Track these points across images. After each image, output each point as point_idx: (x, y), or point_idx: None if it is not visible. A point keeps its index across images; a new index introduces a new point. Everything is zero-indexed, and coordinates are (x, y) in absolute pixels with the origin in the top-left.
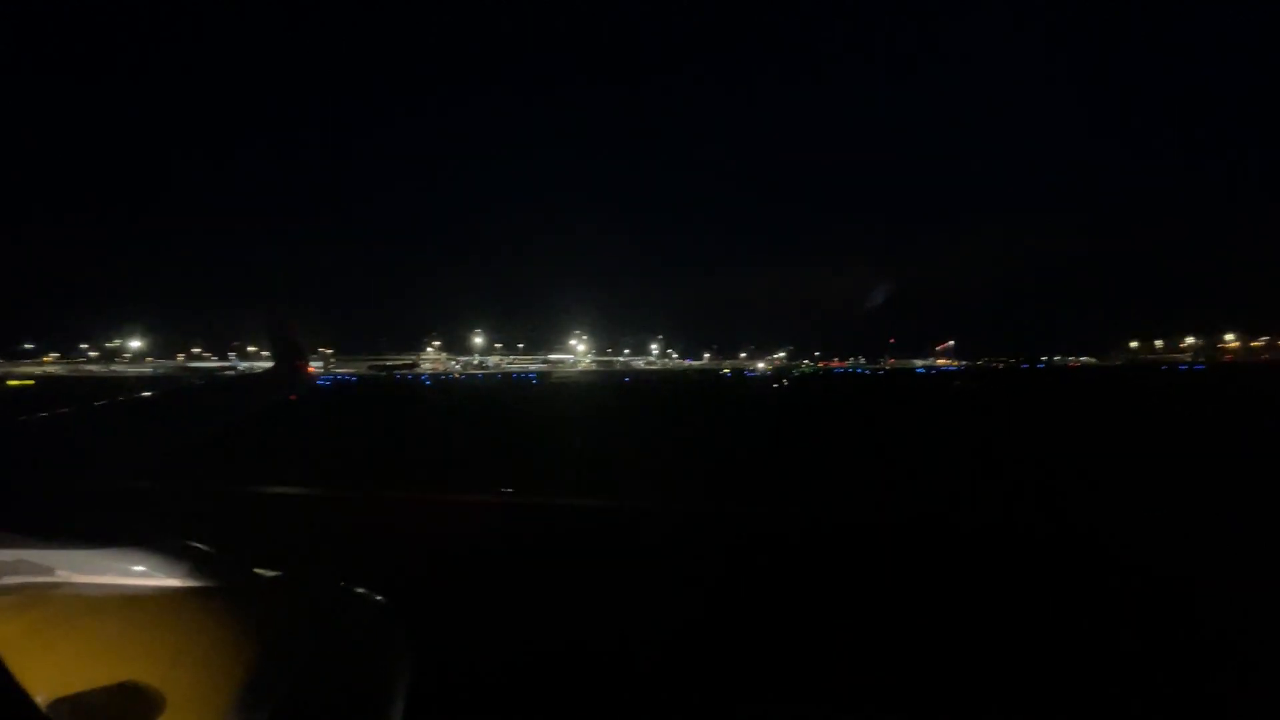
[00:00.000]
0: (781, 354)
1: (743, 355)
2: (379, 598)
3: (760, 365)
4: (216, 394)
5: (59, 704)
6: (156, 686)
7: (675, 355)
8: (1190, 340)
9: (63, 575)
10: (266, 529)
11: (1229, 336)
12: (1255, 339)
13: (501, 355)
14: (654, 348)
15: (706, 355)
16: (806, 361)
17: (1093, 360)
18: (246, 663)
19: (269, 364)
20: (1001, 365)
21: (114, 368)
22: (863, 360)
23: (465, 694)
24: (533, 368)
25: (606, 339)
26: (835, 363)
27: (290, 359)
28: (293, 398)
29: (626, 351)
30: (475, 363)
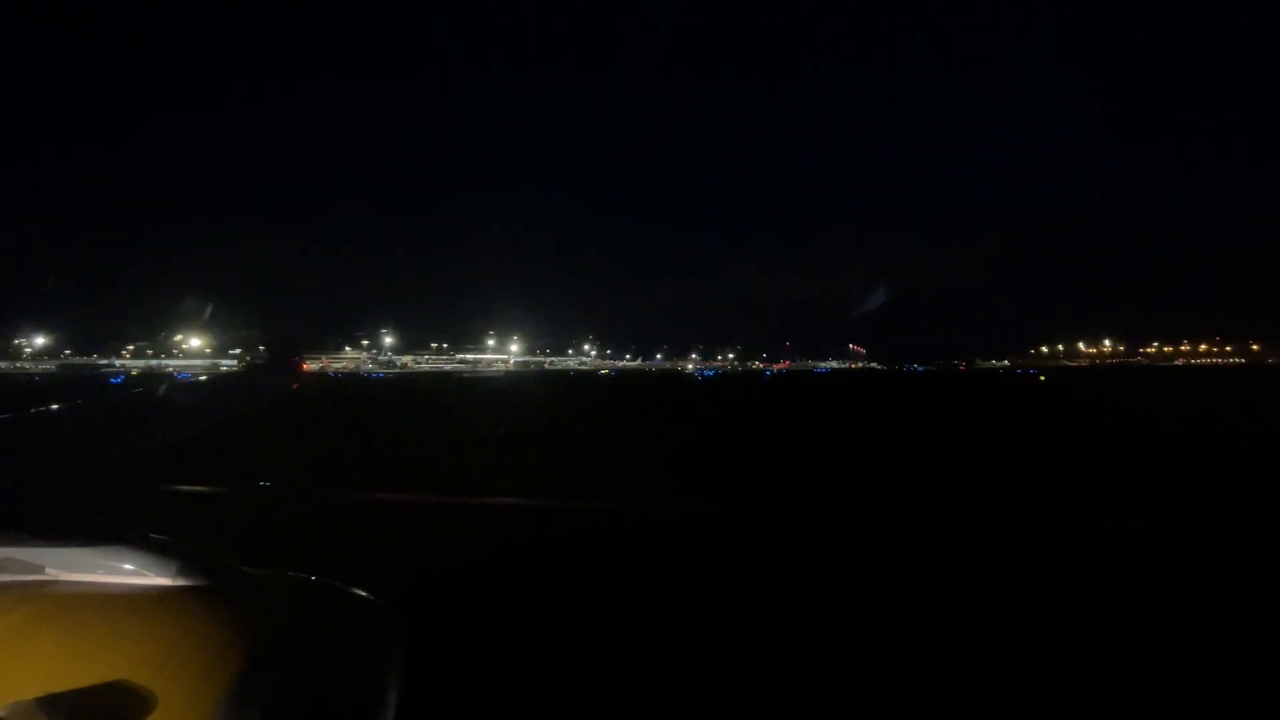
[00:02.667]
0: (731, 355)
1: (693, 356)
2: (370, 596)
3: (689, 366)
4: (211, 390)
5: (48, 702)
6: (147, 685)
7: (629, 357)
8: (1080, 346)
9: (52, 573)
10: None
11: (1107, 343)
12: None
13: (415, 355)
14: (588, 348)
15: (659, 355)
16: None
17: (1005, 363)
18: (237, 661)
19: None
20: (873, 368)
21: (19, 364)
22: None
23: (456, 692)
24: (448, 366)
25: (549, 339)
26: (782, 364)
27: (285, 353)
28: (294, 387)
29: (569, 351)
30: (384, 361)
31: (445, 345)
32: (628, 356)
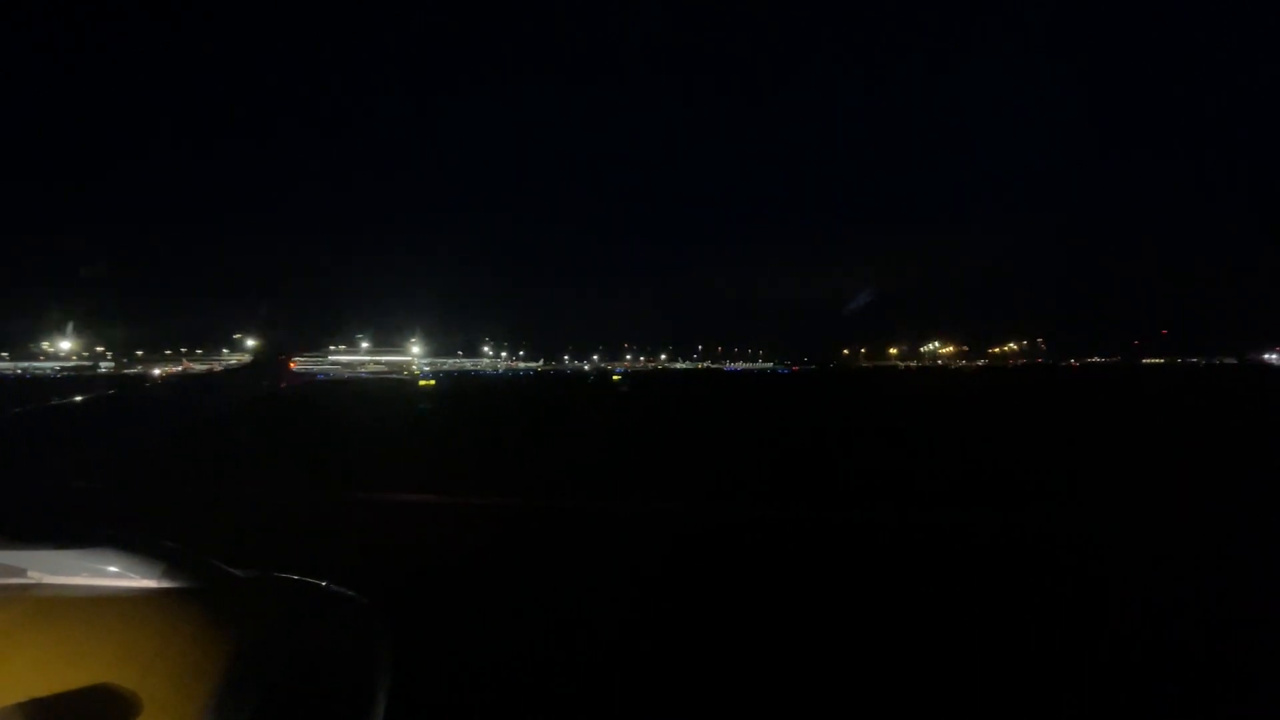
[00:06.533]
0: (661, 357)
1: (594, 357)
2: (360, 597)
3: (588, 366)
4: (198, 389)
5: (32, 707)
6: (132, 689)
7: (565, 360)
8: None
9: (35, 576)
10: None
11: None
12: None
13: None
14: (489, 350)
15: (566, 358)
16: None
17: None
18: (224, 664)
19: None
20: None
21: None
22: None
23: (446, 694)
24: (316, 368)
25: (451, 342)
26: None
27: (275, 351)
28: (282, 385)
29: (491, 352)
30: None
31: (341, 347)
32: (567, 360)
